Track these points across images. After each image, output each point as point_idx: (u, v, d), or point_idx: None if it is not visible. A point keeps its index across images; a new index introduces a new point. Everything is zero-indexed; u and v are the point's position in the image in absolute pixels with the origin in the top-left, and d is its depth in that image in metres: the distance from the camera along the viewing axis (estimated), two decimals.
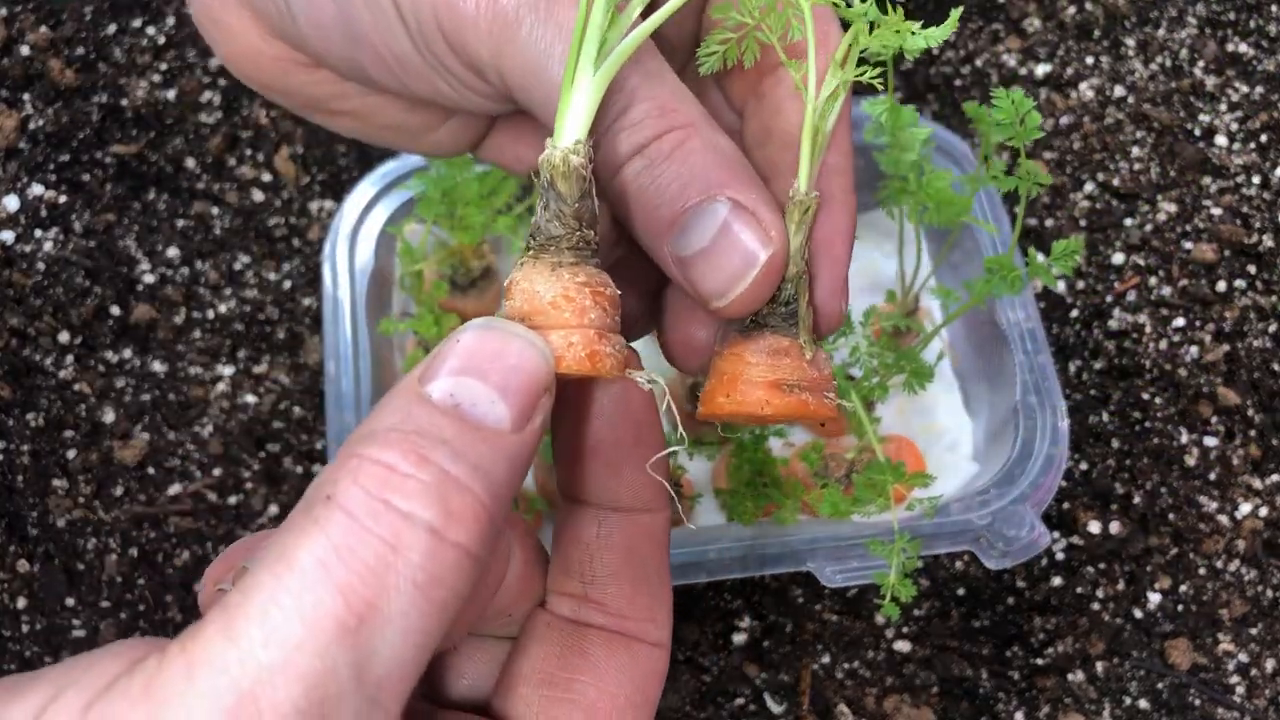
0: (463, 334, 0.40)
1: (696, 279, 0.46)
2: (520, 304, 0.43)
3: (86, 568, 1.03)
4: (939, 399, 1.09)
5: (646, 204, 0.46)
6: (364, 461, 0.36)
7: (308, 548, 0.35)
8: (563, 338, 0.42)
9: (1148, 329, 1.17)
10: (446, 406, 0.38)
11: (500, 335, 0.40)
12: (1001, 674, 1.02)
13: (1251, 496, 1.09)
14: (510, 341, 0.40)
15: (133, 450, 1.08)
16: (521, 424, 0.39)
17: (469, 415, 0.38)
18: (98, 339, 1.13)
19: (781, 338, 0.47)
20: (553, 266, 0.43)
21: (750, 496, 0.96)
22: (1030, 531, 0.92)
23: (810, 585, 1.04)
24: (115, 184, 1.21)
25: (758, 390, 0.47)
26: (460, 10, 0.44)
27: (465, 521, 0.36)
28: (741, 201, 0.45)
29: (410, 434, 0.37)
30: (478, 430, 0.38)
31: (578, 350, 0.42)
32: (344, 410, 0.96)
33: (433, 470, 0.36)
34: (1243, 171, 1.25)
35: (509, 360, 0.39)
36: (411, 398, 0.38)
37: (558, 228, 0.43)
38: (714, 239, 0.45)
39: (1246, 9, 1.34)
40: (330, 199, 1.21)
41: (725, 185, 0.45)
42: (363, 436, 0.37)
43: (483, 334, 0.40)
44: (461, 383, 0.38)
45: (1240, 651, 1.03)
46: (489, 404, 0.38)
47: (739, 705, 1.00)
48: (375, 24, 0.47)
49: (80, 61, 1.27)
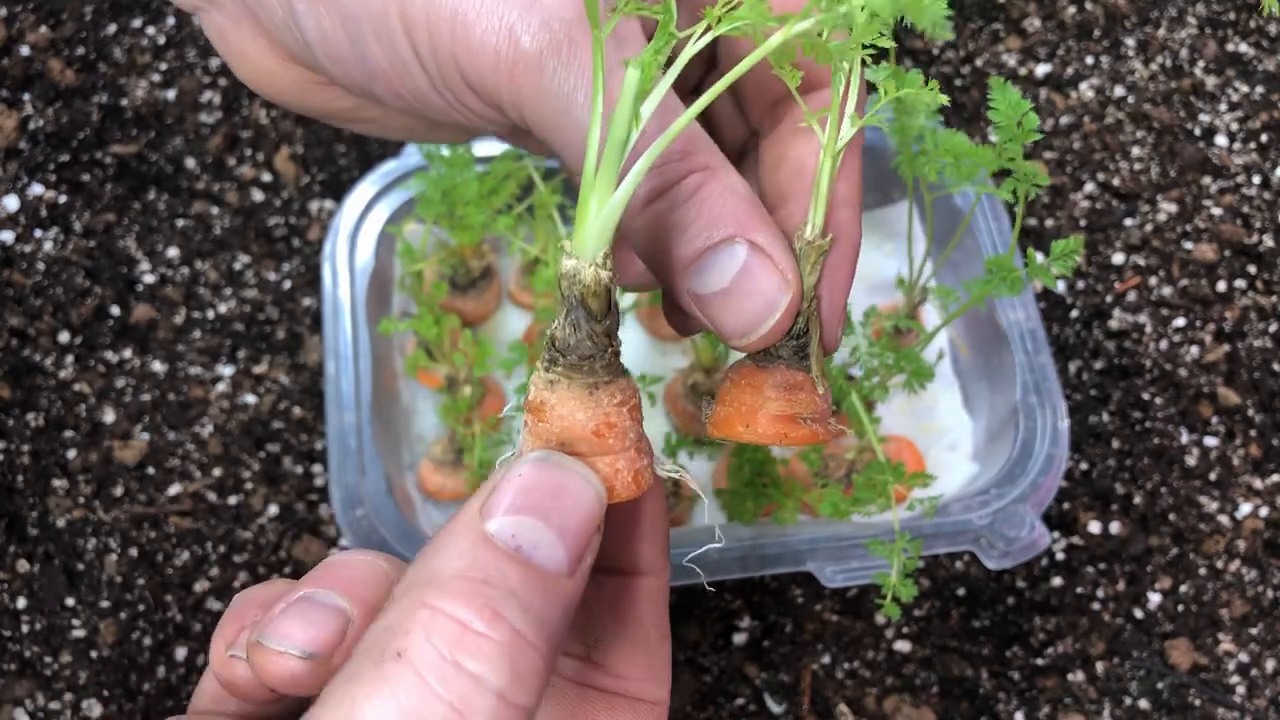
0: (522, 467, 0.40)
1: (716, 318, 0.47)
2: (559, 430, 0.42)
3: (86, 568, 1.03)
4: (939, 399, 1.09)
5: (666, 244, 0.46)
6: (436, 615, 0.36)
7: (376, 708, 0.35)
8: (609, 465, 0.42)
9: (1148, 329, 1.17)
10: (510, 549, 0.38)
11: (559, 471, 0.41)
12: (1002, 674, 1.02)
13: (1252, 496, 1.09)
14: (569, 479, 0.41)
15: (133, 450, 1.08)
16: (575, 567, 0.40)
17: (532, 560, 0.39)
18: (98, 339, 1.13)
19: (795, 372, 0.49)
20: (589, 389, 0.42)
21: (750, 496, 0.96)
22: (1030, 532, 0.92)
23: (810, 585, 1.04)
24: (115, 184, 1.21)
25: (776, 424, 0.49)
26: (479, 54, 0.44)
27: (530, 682, 0.37)
28: (759, 244, 0.46)
29: (480, 584, 0.37)
30: (540, 577, 0.38)
31: (625, 477, 0.42)
32: (344, 410, 0.96)
33: (504, 629, 0.37)
34: (1243, 171, 1.25)
35: (567, 500, 0.40)
36: (476, 538, 0.38)
37: (590, 347, 0.42)
38: (734, 280, 0.46)
39: (1246, 9, 1.33)
40: (330, 199, 1.21)
41: (744, 228, 0.46)
42: (431, 581, 0.37)
43: (542, 470, 0.40)
44: (523, 523, 0.39)
45: (1241, 651, 1.03)
46: (550, 548, 0.39)
47: (739, 705, 1.00)
48: (392, 64, 0.47)
49: (80, 61, 1.27)
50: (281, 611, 0.43)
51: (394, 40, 0.45)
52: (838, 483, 0.98)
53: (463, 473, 1.01)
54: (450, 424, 1.00)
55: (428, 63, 0.46)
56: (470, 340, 0.98)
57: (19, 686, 0.99)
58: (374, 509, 0.93)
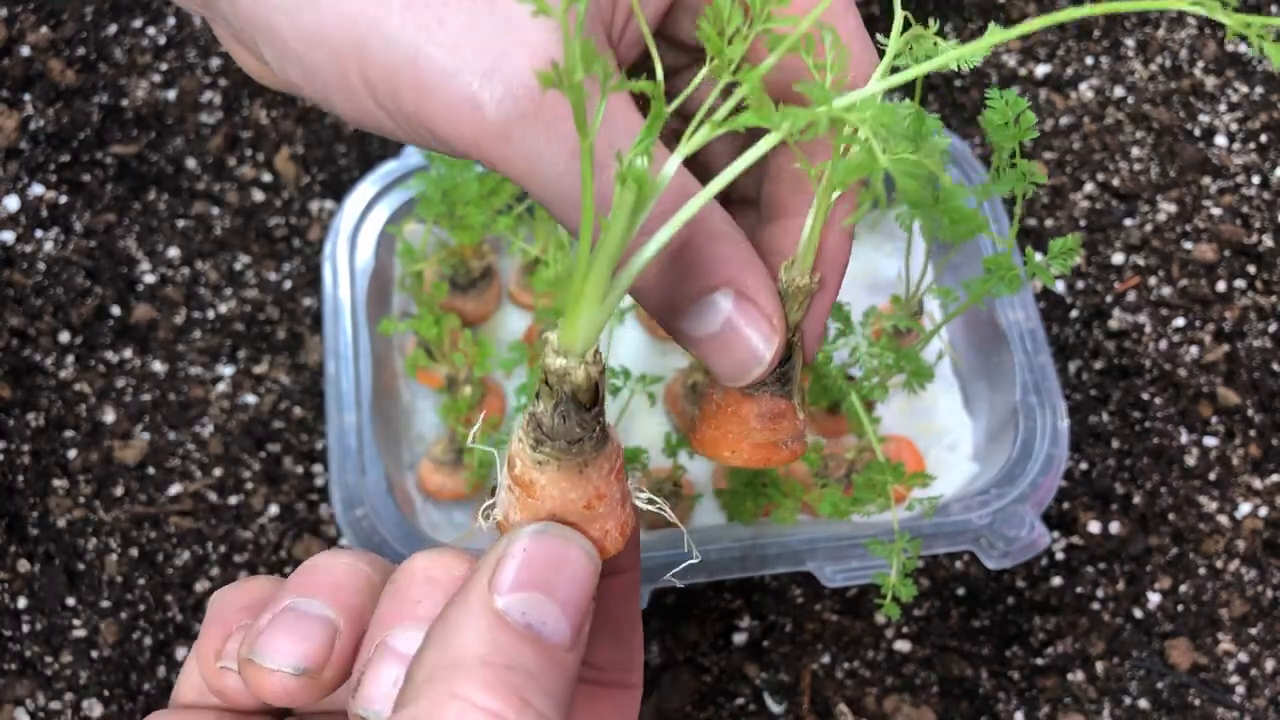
0: (524, 540, 0.41)
1: (707, 359, 0.49)
2: (550, 506, 0.43)
3: (87, 567, 1.04)
4: (939, 399, 1.09)
5: (657, 288, 0.47)
6: (468, 708, 0.37)
7: None
8: (599, 529, 0.43)
9: (1148, 329, 1.17)
10: (522, 628, 0.39)
11: (559, 544, 0.42)
12: (1001, 674, 1.02)
13: (1251, 496, 1.09)
14: (567, 550, 0.42)
15: (133, 450, 1.08)
16: (577, 639, 0.41)
17: (542, 637, 0.40)
18: (98, 339, 1.13)
19: (778, 400, 0.51)
20: (579, 468, 0.42)
21: (750, 496, 0.96)
22: (1030, 531, 0.92)
23: (810, 585, 1.04)
24: (115, 184, 1.21)
25: (761, 450, 0.51)
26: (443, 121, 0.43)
27: None
28: (747, 294, 0.47)
29: (505, 670, 0.38)
30: (549, 653, 0.40)
31: (614, 536, 0.44)
32: (344, 410, 0.96)
33: (531, 716, 0.38)
34: (1242, 171, 1.25)
35: (568, 572, 0.41)
36: (492, 618, 0.39)
37: (579, 432, 0.42)
38: (723, 327, 0.47)
39: (1247, 9, 1.34)
40: (330, 199, 1.21)
41: (732, 279, 0.47)
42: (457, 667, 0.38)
43: (542, 543, 0.41)
44: (532, 600, 0.40)
45: (1240, 651, 1.03)
46: (556, 623, 0.40)
47: (739, 705, 1.00)
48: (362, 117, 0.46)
49: (81, 62, 1.27)
50: (270, 625, 0.43)
51: (360, 100, 0.45)
52: (837, 483, 0.98)
53: (463, 473, 1.01)
54: (450, 424, 1.00)
55: (396, 120, 0.45)
56: (470, 340, 0.98)
57: (19, 686, 0.99)
58: (374, 509, 0.93)
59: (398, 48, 0.42)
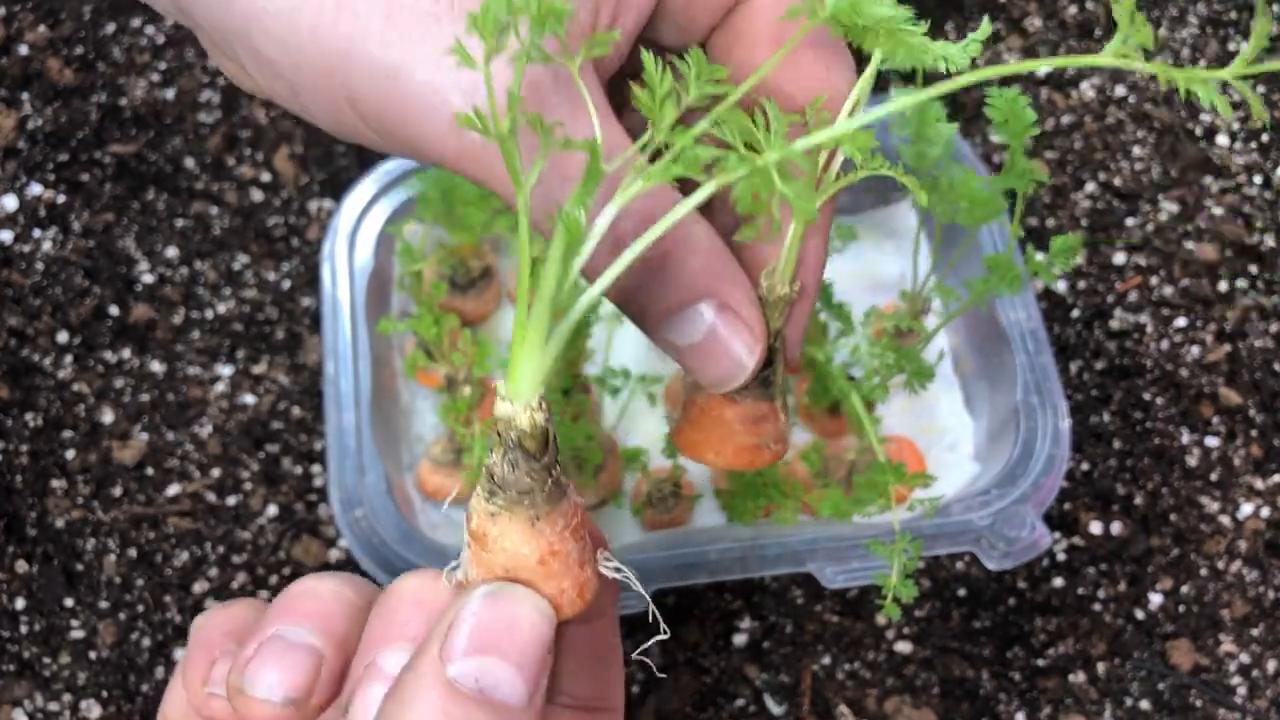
0: (473, 604, 0.41)
1: (690, 367, 0.50)
2: (503, 560, 0.42)
3: (85, 568, 1.03)
4: (940, 399, 1.09)
5: (639, 299, 0.48)
6: None
7: None
8: (555, 587, 0.42)
9: (1149, 329, 1.17)
10: (474, 694, 0.39)
11: (510, 604, 0.41)
12: (1002, 675, 1.02)
13: (1253, 497, 1.09)
14: (520, 610, 0.41)
15: (131, 450, 1.08)
16: (533, 695, 0.41)
17: (495, 699, 0.40)
18: (96, 339, 1.13)
19: (761, 403, 0.52)
20: (531, 521, 0.42)
21: (750, 497, 0.96)
22: (1031, 532, 0.92)
23: (811, 586, 1.04)
24: (114, 184, 1.21)
25: (745, 453, 0.53)
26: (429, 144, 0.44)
27: None
28: (729, 304, 0.48)
29: None
30: (505, 714, 0.40)
31: (570, 595, 0.43)
32: (343, 410, 0.96)
33: None
34: (1244, 171, 1.25)
35: (521, 633, 0.41)
36: (442, 688, 0.39)
37: (529, 483, 0.42)
38: (704, 338, 0.48)
39: (1248, 9, 1.33)
40: (329, 199, 1.20)
41: (712, 290, 0.47)
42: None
43: (493, 605, 0.41)
44: (484, 665, 0.40)
45: (1242, 652, 1.03)
46: (510, 685, 0.40)
47: (739, 706, 1.00)
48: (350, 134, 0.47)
49: (79, 61, 1.26)
50: (257, 654, 0.44)
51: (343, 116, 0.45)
52: (838, 483, 0.98)
53: (462, 473, 1.01)
54: (450, 424, 1.00)
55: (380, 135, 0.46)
56: (470, 340, 0.98)
57: (18, 687, 0.98)
58: (373, 509, 0.92)
59: (380, 64, 0.42)
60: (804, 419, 1.06)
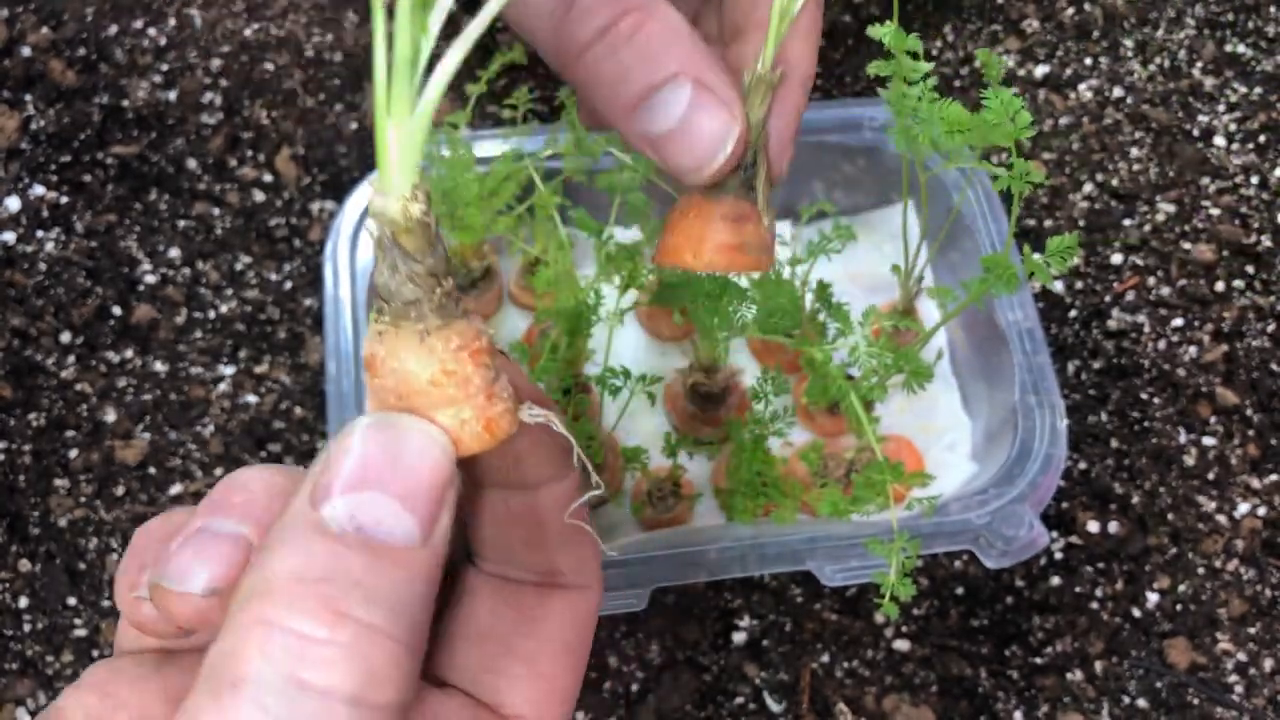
0: (351, 437, 0.36)
1: (666, 157, 0.47)
2: (393, 384, 0.38)
3: (88, 567, 1.04)
4: (938, 399, 1.09)
5: (611, 87, 0.46)
6: (272, 631, 0.32)
7: None
8: (453, 417, 0.38)
9: (1146, 329, 1.17)
10: (349, 535, 0.34)
11: (393, 433, 0.36)
12: (1000, 673, 1.02)
13: (1250, 496, 1.10)
14: (406, 439, 0.36)
15: (134, 450, 1.08)
16: (429, 533, 0.35)
17: (375, 539, 0.34)
18: (99, 339, 1.14)
19: (742, 203, 0.50)
20: (420, 336, 0.37)
21: (749, 496, 0.96)
22: (1029, 531, 0.92)
23: (810, 585, 1.05)
24: (116, 184, 1.21)
25: (723, 253, 0.50)
26: None
27: (389, 675, 0.33)
28: (703, 81, 0.46)
29: (316, 583, 0.33)
30: (389, 555, 0.34)
31: (473, 426, 0.38)
32: (345, 410, 0.97)
33: (348, 629, 0.33)
34: (1241, 172, 1.25)
35: (408, 461, 0.36)
36: (309, 529, 0.34)
37: (412, 291, 0.37)
38: (680, 120, 0.46)
39: (1245, 9, 1.34)
40: (331, 199, 1.21)
41: (685, 66, 0.45)
42: (262, 589, 0.33)
43: (374, 434, 0.36)
44: (361, 500, 0.35)
45: (1239, 651, 1.03)
46: (395, 519, 0.35)
47: (739, 704, 1.00)
48: None
49: (81, 62, 1.27)
50: (179, 548, 0.39)
51: None
52: (837, 482, 0.98)
53: None
54: None
55: None
56: None
57: (20, 685, 0.99)
58: None
59: None
60: (803, 419, 1.06)
